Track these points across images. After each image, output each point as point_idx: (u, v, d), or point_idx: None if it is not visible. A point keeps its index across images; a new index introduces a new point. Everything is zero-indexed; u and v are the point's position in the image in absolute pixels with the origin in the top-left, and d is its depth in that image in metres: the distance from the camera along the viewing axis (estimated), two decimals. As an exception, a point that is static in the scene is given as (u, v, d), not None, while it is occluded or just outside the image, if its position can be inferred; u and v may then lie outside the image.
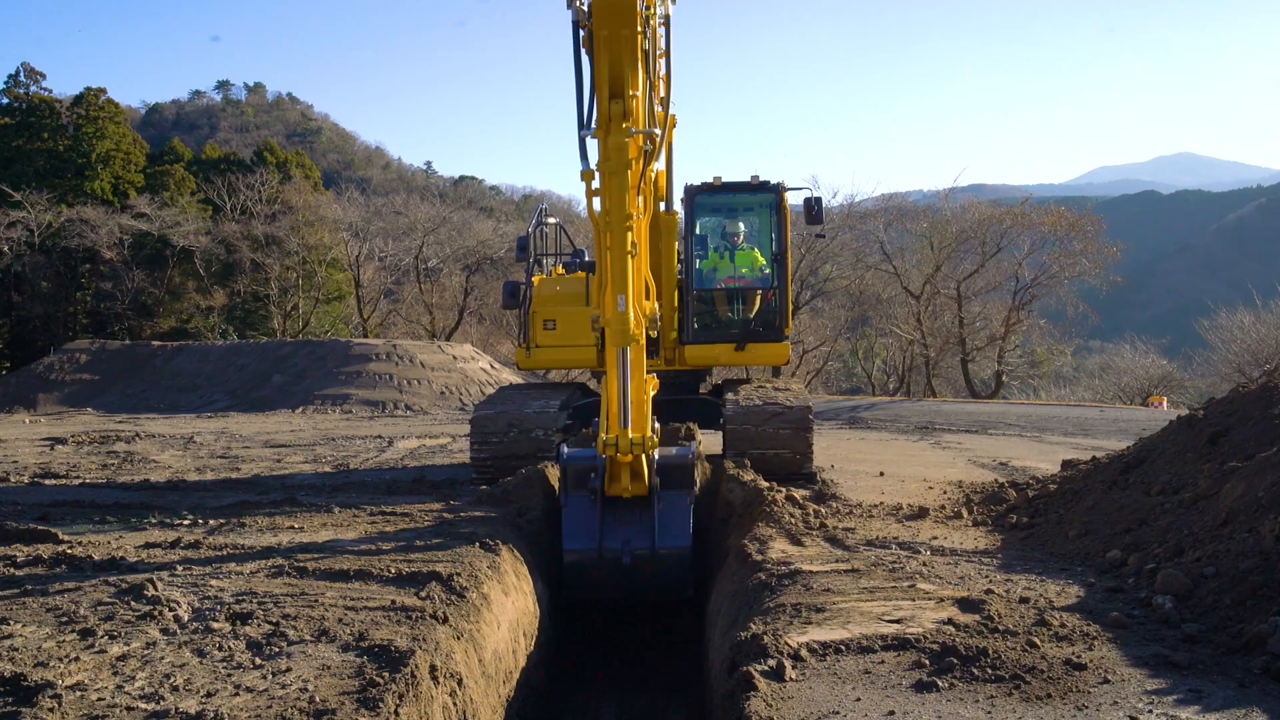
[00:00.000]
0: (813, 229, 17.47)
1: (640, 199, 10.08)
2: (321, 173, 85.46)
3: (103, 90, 62.51)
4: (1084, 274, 48.54)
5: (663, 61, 11.38)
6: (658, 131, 9.95)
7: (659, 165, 14.19)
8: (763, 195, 15.87)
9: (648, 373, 11.59)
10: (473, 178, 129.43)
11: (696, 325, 15.32)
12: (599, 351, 14.41)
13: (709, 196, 15.63)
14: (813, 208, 15.55)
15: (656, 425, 10.49)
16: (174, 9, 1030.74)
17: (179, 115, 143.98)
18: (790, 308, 15.87)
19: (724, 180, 15.68)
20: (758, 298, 15.65)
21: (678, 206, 15.45)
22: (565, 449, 10.57)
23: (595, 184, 9.62)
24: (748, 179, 15.73)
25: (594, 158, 9.52)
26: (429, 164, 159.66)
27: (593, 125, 9.43)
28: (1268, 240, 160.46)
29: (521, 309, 15.02)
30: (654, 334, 11.05)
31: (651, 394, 10.71)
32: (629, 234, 9.59)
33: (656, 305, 11.01)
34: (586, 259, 17.00)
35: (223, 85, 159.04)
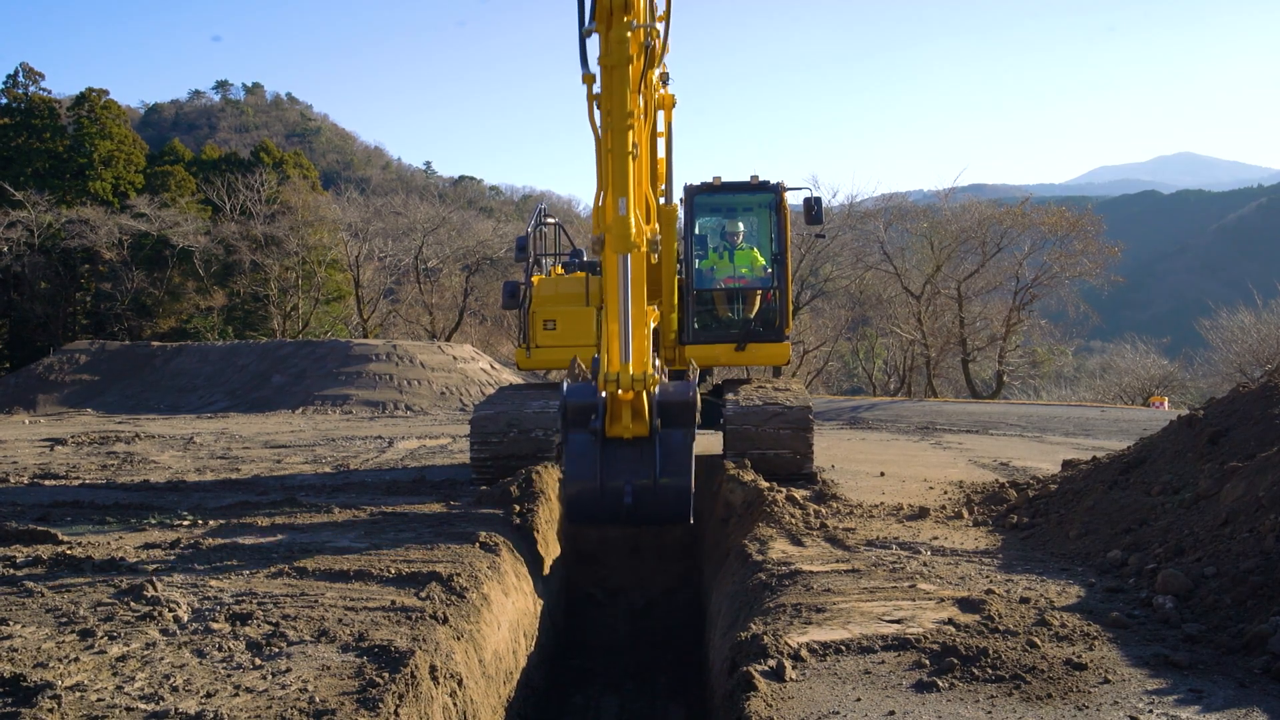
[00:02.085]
0: (812, 229, 17.43)
1: (641, 101, 9.92)
2: (321, 173, 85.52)
3: (104, 91, 62.64)
4: (1084, 274, 48.58)
5: None
6: (659, 26, 9.82)
7: (660, 154, 14.24)
8: (762, 195, 15.86)
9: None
10: (472, 178, 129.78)
11: (697, 325, 15.30)
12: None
13: (708, 196, 15.62)
14: (812, 208, 15.57)
15: (658, 362, 10.34)
16: (173, 9, 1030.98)
17: (178, 116, 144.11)
18: (790, 308, 15.86)
19: (724, 180, 15.66)
20: (758, 298, 15.64)
21: (677, 205, 15.42)
22: (566, 384, 10.34)
23: (596, 89, 9.44)
24: (747, 179, 15.70)
25: (594, 61, 9.35)
26: (428, 164, 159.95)
27: (592, 23, 9.22)
28: (1268, 240, 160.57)
29: (521, 309, 15.00)
30: (654, 260, 10.75)
31: (653, 326, 10.55)
32: (629, 134, 9.36)
33: (656, 241, 10.85)
34: (585, 259, 16.99)
35: (221, 85, 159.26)
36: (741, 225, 16.10)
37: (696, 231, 15.64)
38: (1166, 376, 50.64)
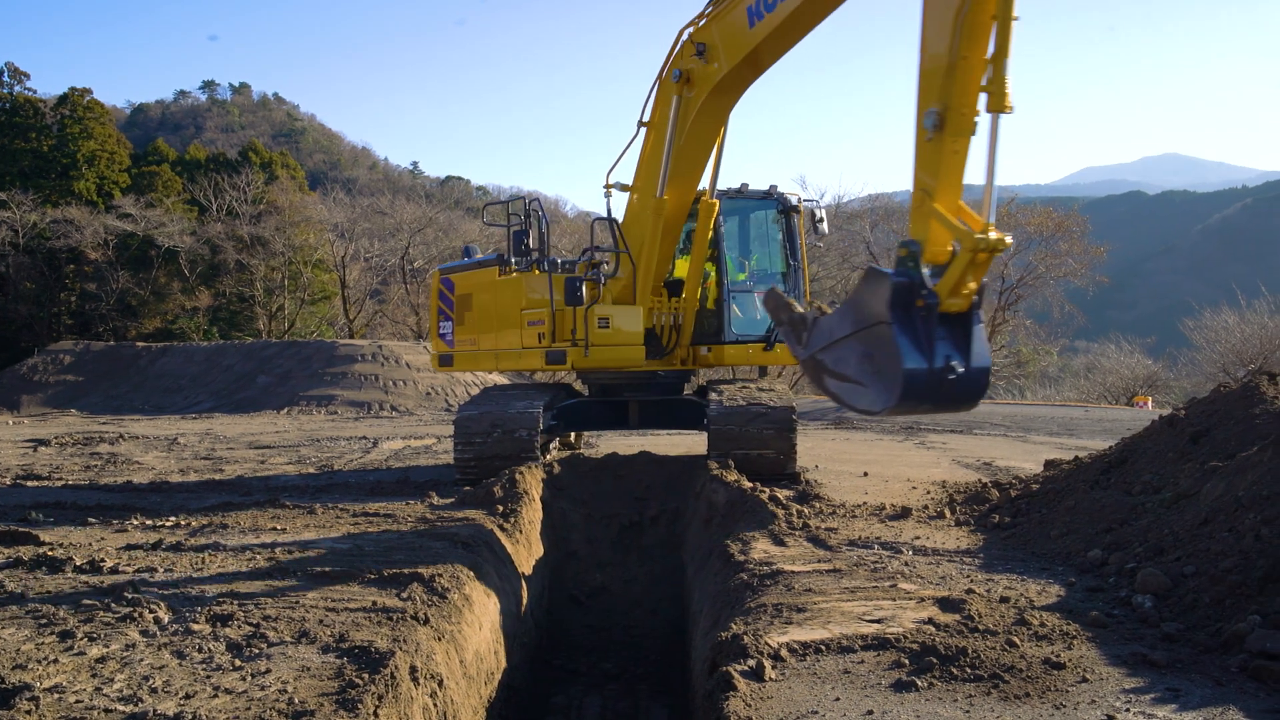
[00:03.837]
0: (815, 238, 17.62)
1: None
2: (307, 173, 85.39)
3: (88, 90, 62.49)
4: (1070, 274, 48.66)
5: None
6: None
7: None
8: (780, 204, 16.26)
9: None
10: (459, 178, 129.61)
11: (734, 326, 15.36)
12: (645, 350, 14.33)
13: (732, 202, 15.69)
14: (816, 218, 16.22)
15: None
16: (160, 9, 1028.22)
17: (164, 115, 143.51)
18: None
19: (749, 187, 15.96)
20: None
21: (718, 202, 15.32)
22: (891, 271, 10.18)
23: None
24: (766, 188, 16.11)
25: None
26: (415, 164, 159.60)
27: None
28: (1253, 240, 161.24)
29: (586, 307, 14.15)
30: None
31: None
32: None
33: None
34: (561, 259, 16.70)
35: (208, 85, 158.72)
36: (766, 231, 16.45)
37: (724, 235, 15.60)
38: (1151, 376, 50.78)
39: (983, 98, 9.00)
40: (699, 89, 13.27)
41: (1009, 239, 9.22)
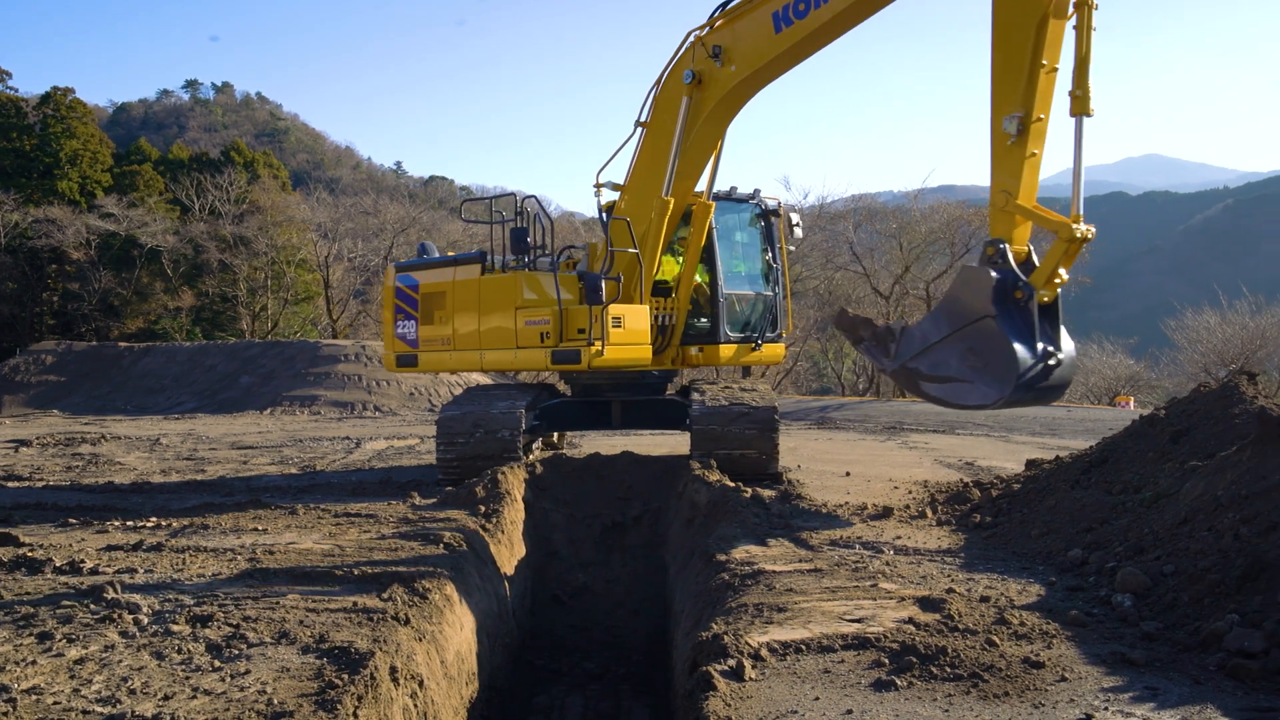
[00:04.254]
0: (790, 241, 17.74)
1: None
2: (291, 173, 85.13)
3: (70, 90, 62.18)
4: (1052, 275, 48.72)
5: None
6: None
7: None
8: (762, 208, 16.58)
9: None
10: (443, 178, 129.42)
11: (728, 326, 15.41)
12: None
13: (720, 204, 15.73)
14: (792, 223, 16.80)
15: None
16: (145, 8, 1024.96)
17: (147, 115, 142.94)
18: (790, 310, 16.45)
19: (737, 191, 16.17)
20: (769, 301, 16.31)
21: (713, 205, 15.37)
22: (990, 269, 10.44)
23: None
24: (751, 191, 16.45)
25: None
26: (399, 164, 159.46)
27: None
28: (1234, 241, 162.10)
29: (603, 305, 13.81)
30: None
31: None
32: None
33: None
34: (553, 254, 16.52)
35: (191, 85, 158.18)
36: (751, 234, 16.63)
37: (716, 238, 15.62)
38: (1133, 376, 50.94)
39: (1062, 102, 9.73)
40: (712, 91, 13.40)
41: (1093, 230, 10.05)
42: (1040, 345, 10.08)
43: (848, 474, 15.29)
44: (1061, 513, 10.22)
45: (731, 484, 12.02)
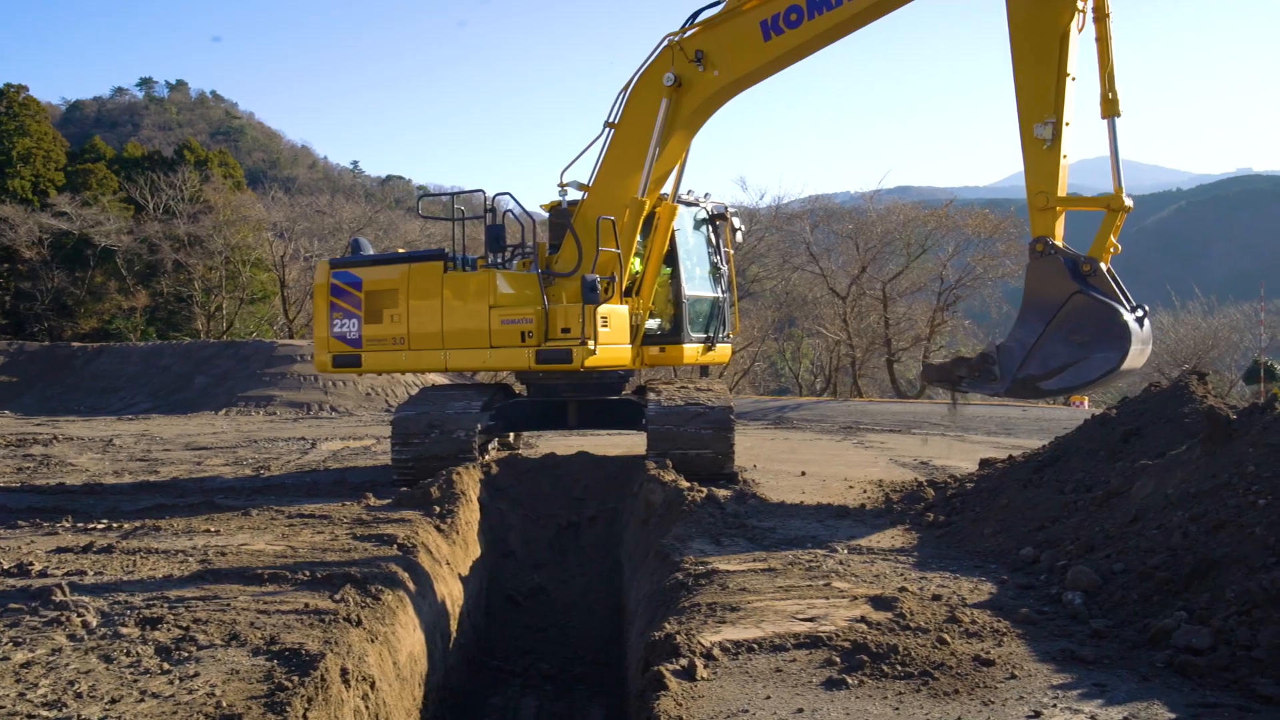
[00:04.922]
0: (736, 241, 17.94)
1: None
2: (246, 172, 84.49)
3: (23, 87, 61.47)
4: (1007, 275, 49.03)
5: None
6: None
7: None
8: (709, 212, 16.76)
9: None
10: (400, 177, 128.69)
11: (690, 328, 15.50)
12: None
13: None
14: (734, 228, 17.22)
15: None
16: (98, 4, 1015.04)
17: (100, 113, 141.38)
18: (737, 311, 16.67)
19: (692, 194, 16.37)
20: (721, 303, 16.50)
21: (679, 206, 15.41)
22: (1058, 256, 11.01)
23: None
24: (700, 195, 16.70)
25: None
26: (356, 163, 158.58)
27: None
28: (1187, 243, 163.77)
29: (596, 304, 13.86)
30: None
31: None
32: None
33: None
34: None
35: (145, 83, 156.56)
36: (703, 238, 16.70)
37: (679, 241, 15.63)
38: (1087, 376, 51.26)
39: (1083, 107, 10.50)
40: (693, 95, 13.49)
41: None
42: (1129, 302, 10.73)
43: (803, 474, 15.34)
44: (1014, 511, 10.29)
45: (687, 484, 12.02)
